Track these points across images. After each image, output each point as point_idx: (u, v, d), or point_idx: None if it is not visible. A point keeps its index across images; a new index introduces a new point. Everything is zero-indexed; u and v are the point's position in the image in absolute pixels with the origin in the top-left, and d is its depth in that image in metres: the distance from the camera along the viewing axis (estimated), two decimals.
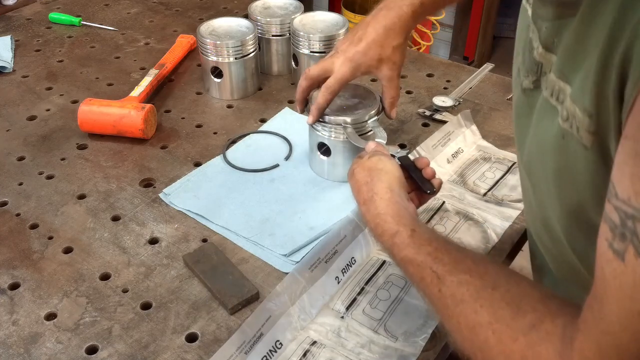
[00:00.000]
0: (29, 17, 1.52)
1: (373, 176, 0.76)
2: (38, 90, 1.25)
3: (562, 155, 0.56)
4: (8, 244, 0.90)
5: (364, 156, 0.81)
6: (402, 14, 0.88)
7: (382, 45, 0.87)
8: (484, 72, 1.27)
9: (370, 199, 0.74)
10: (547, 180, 0.61)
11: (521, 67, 0.68)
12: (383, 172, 0.76)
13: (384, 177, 0.76)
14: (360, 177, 0.78)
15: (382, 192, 0.74)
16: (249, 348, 0.73)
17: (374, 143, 0.87)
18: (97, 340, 0.77)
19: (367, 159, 0.80)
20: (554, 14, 0.58)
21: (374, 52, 0.88)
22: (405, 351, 0.75)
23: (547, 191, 0.62)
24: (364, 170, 0.78)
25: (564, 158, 0.56)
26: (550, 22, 0.59)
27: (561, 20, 0.57)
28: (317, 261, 0.83)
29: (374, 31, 0.88)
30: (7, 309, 0.80)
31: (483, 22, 3.07)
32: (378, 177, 0.76)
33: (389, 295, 0.82)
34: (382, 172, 0.76)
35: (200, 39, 1.16)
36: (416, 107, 1.18)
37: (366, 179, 0.76)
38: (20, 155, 1.07)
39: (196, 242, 0.90)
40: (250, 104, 1.20)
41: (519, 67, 0.69)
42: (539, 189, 0.66)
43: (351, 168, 0.81)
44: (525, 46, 0.66)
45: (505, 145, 1.09)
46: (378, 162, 0.78)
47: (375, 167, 0.78)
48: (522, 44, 0.67)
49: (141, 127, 1.07)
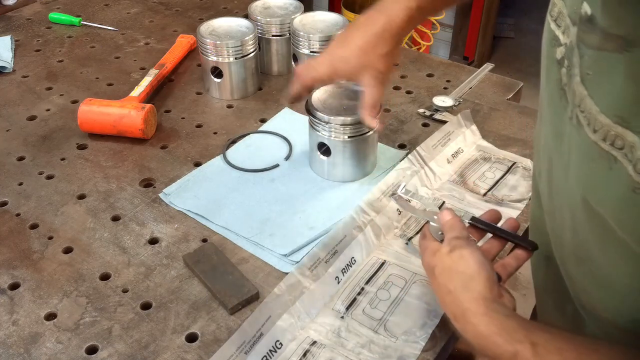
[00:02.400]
0: (29, 17, 1.52)
1: (456, 283, 0.66)
2: (38, 90, 1.25)
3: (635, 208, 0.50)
4: (8, 244, 0.90)
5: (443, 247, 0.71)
6: (395, 19, 0.83)
7: (367, 52, 0.84)
8: (484, 72, 1.27)
9: (463, 316, 0.64)
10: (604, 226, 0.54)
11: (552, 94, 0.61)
12: (468, 278, 0.66)
13: (472, 284, 0.65)
14: (442, 281, 0.68)
15: (475, 307, 0.63)
16: (249, 348, 0.73)
17: (448, 214, 0.75)
18: (97, 340, 0.77)
19: (447, 254, 0.69)
20: (599, 44, 0.50)
21: (357, 59, 0.85)
22: (405, 351, 0.75)
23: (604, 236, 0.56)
24: (445, 273, 0.68)
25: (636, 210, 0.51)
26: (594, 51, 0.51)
27: (605, 53, 0.49)
28: (317, 261, 0.83)
29: (361, 37, 0.84)
30: (7, 309, 0.80)
31: (483, 22, 3.07)
32: (464, 285, 0.65)
33: (389, 295, 0.82)
34: (467, 278, 0.66)
35: (200, 39, 1.16)
36: (416, 107, 1.18)
37: (449, 286, 0.67)
38: (20, 155, 1.07)
39: (196, 242, 0.90)
40: (250, 104, 1.20)
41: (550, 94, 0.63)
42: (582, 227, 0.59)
43: (428, 261, 0.72)
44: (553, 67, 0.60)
45: (505, 145, 1.09)
46: (460, 261, 0.68)
47: (456, 268, 0.67)
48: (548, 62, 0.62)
49: (141, 127, 1.07)
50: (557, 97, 0.60)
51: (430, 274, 0.72)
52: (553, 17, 0.61)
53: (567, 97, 0.57)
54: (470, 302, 0.64)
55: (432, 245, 0.73)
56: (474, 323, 0.62)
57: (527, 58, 3.43)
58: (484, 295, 0.64)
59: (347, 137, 0.96)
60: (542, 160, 0.70)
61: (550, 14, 0.61)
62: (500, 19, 3.30)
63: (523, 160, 1.05)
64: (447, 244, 0.71)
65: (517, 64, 3.31)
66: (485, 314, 0.62)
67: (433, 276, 0.70)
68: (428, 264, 0.72)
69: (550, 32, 0.61)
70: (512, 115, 1.16)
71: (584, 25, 0.51)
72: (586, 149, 0.53)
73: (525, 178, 1.02)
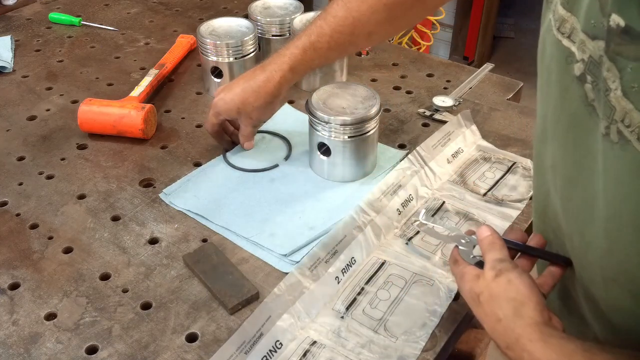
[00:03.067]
0: (29, 17, 1.52)
1: (506, 310, 0.64)
2: (38, 90, 1.25)
3: None
4: (8, 244, 0.90)
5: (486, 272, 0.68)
6: (271, 79, 0.96)
7: (244, 103, 0.98)
8: (484, 72, 1.27)
9: (517, 344, 0.61)
10: None
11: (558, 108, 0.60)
12: (519, 304, 0.63)
13: (523, 310, 0.63)
14: (490, 309, 0.65)
15: (529, 333, 0.61)
16: (249, 348, 0.73)
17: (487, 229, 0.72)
18: (97, 340, 0.77)
19: (492, 280, 0.67)
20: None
21: (235, 106, 0.99)
22: (405, 351, 0.75)
23: None
24: (493, 300, 0.66)
25: None
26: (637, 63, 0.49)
27: None
28: (317, 261, 0.83)
29: (242, 90, 0.98)
30: (7, 309, 0.80)
31: (483, 22, 3.07)
32: (515, 312, 0.63)
33: (389, 295, 0.82)
34: (518, 304, 0.63)
35: (200, 39, 1.16)
36: (416, 107, 1.18)
37: (498, 314, 0.64)
38: (20, 155, 1.07)
39: (196, 242, 0.90)
40: None
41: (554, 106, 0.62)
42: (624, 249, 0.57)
43: (471, 287, 0.69)
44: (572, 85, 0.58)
45: (505, 145, 1.09)
46: (508, 286, 0.65)
47: (505, 295, 0.65)
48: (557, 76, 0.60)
49: (141, 127, 1.07)
50: (582, 114, 0.57)
51: (473, 301, 0.68)
52: (565, 33, 0.58)
53: (598, 113, 0.54)
54: (523, 328, 0.61)
55: (470, 271, 0.71)
56: (530, 350, 0.60)
57: (527, 58, 3.43)
58: (537, 320, 0.62)
59: (347, 137, 0.96)
60: (553, 180, 0.67)
61: (560, 31, 0.59)
62: (500, 19, 3.30)
63: (523, 160, 1.05)
64: (490, 268, 0.68)
65: (517, 64, 3.31)
66: (541, 339, 0.60)
67: (477, 303, 0.67)
68: (471, 290, 0.69)
69: (563, 50, 0.59)
70: (512, 115, 1.16)
71: (619, 38, 0.49)
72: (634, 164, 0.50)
73: (525, 178, 1.02)
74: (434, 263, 0.87)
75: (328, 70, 1.20)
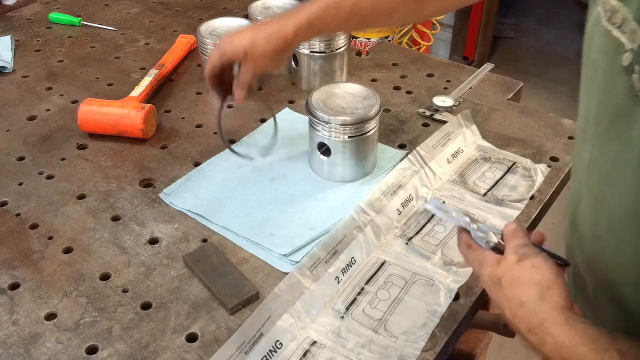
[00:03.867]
0: (29, 17, 1.52)
1: (531, 294, 0.63)
2: (38, 90, 1.25)
3: None
4: (8, 244, 0.90)
5: (509, 256, 0.67)
6: (284, 28, 0.92)
7: (253, 47, 0.93)
8: (484, 72, 1.27)
9: (540, 327, 0.61)
10: None
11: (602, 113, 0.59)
12: (545, 288, 0.62)
13: (549, 294, 0.62)
14: (512, 293, 0.64)
15: (554, 317, 0.60)
16: (249, 348, 0.73)
17: (512, 224, 0.71)
18: (97, 340, 0.77)
19: (516, 263, 0.66)
20: None
21: (243, 49, 0.93)
22: (405, 351, 0.75)
23: None
24: (516, 284, 0.64)
25: None
26: None
27: None
28: (317, 261, 0.83)
29: (252, 34, 0.93)
30: (7, 309, 0.81)
31: (483, 22, 3.07)
32: (540, 296, 0.62)
33: (389, 295, 0.82)
34: (544, 288, 0.62)
35: (200, 39, 1.16)
36: (416, 107, 1.18)
37: (521, 298, 0.63)
38: (20, 155, 1.07)
39: (196, 242, 0.90)
40: (250, 104, 1.20)
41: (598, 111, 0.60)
42: None
43: (492, 272, 0.68)
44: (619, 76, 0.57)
45: (505, 145, 1.09)
46: (533, 270, 0.64)
47: (530, 279, 0.64)
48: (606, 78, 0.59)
49: (141, 127, 1.07)
50: (627, 106, 0.56)
51: (494, 285, 0.67)
52: (616, 23, 0.58)
53: None
54: (548, 312, 0.61)
55: (489, 256, 0.69)
56: (554, 334, 0.59)
57: (527, 58, 3.43)
58: (562, 305, 0.61)
59: (347, 137, 0.96)
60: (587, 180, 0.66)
61: (611, 22, 0.58)
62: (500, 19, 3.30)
63: (523, 160, 1.05)
64: (513, 253, 0.67)
65: (517, 64, 3.31)
66: (566, 323, 0.59)
67: (499, 287, 0.66)
68: (491, 274, 0.67)
69: (613, 41, 0.58)
70: (512, 115, 1.16)
71: None
72: None
73: (525, 178, 1.02)
74: (434, 263, 0.87)
75: (328, 70, 1.21)
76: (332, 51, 1.18)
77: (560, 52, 3.53)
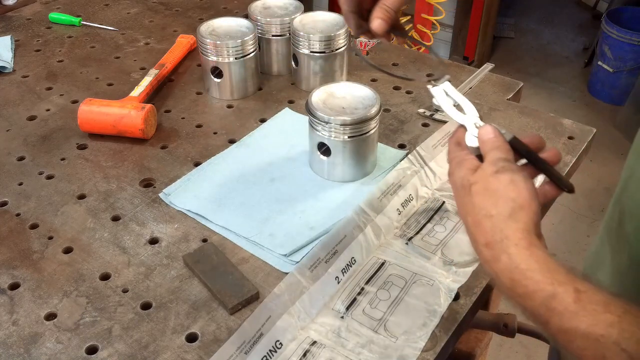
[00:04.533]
0: (29, 17, 1.52)
1: (502, 209, 0.60)
2: (38, 90, 1.25)
3: None
4: (8, 244, 0.90)
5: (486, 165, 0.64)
6: None
7: None
8: (484, 72, 1.27)
9: (500, 244, 0.58)
10: None
11: None
12: (518, 206, 0.59)
13: (520, 214, 0.59)
14: (482, 202, 0.61)
15: (518, 238, 0.58)
16: (249, 348, 0.73)
17: (492, 131, 0.66)
18: (97, 340, 0.77)
19: (492, 175, 0.62)
20: None
21: None
22: (405, 351, 0.75)
23: None
24: (488, 194, 0.61)
25: None
26: None
27: None
28: (317, 261, 0.83)
29: None
30: (7, 309, 0.81)
31: (483, 22, 3.07)
32: (511, 213, 0.59)
33: (389, 295, 0.83)
34: (517, 206, 0.59)
35: (200, 39, 1.16)
36: (416, 107, 1.18)
37: (490, 210, 0.60)
38: (20, 155, 1.07)
39: (196, 242, 0.90)
40: (250, 104, 1.20)
41: None
42: None
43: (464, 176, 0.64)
44: None
45: None
46: (510, 186, 0.61)
47: (505, 194, 0.60)
48: None
49: (141, 127, 1.07)
50: None
51: (463, 189, 0.64)
52: None
53: None
54: (514, 232, 0.58)
55: (469, 160, 0.66)
56: (512, 254, 0.57)
57: (527, 58, 3.43)
58: (529, 228, 0.58)
59: (347, 137, 0.96)
60: None
61: None
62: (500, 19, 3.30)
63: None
64: (492, 164, 0.63)
65: (517, 64, 3.31)
66: (528, 247, 0.57)
67: (467, 192, 0.63)
68: (464, 178, 0.64)
69: None
70: (512, 115, 1.16)
71: None
72: None
73: None
74: (434, 263, 0.87)
75: (328, 70, 1.21)
76: (332, 51, 1.18)
77: (560, 52, 3.54)
